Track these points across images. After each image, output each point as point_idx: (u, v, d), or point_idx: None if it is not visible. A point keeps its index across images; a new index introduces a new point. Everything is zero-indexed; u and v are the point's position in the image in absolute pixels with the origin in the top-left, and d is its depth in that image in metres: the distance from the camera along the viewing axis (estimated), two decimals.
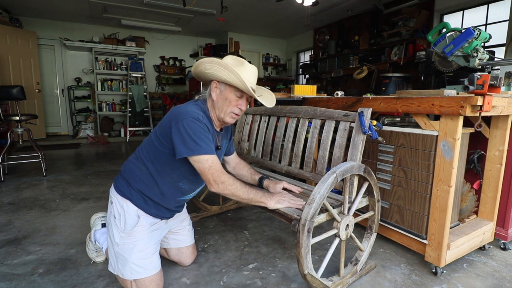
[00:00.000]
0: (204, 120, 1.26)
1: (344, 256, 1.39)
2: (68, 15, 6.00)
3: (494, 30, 3.95)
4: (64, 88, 6.66)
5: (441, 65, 2.05)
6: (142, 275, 1.28)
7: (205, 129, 1.23)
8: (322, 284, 1.27)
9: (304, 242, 1.13)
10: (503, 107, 1.49)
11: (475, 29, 1.78)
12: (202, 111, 1.29)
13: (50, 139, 6.00)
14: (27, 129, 3.29)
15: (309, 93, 2.93)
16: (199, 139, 1.20)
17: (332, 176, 1.18)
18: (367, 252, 1.52)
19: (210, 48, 7.51)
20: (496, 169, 1.71)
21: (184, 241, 1.56)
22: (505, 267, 1.60)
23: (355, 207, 1.38)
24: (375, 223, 1.54)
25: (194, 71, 1.37)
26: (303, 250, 1.13)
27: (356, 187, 1.39)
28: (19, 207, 2.37)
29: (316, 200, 1.13)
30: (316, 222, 1.20)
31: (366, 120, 1.36)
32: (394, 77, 4.19)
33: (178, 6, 5.14)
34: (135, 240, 1.29)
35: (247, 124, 2.18)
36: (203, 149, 1.20)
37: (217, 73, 1.28)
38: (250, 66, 1.35)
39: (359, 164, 1.33)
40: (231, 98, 1.31)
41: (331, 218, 1.29)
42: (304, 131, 1.73)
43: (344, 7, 5.31)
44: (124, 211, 1.31)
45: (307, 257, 1.16)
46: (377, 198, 1.49)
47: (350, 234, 1.37)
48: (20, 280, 1.43)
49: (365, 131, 1.35)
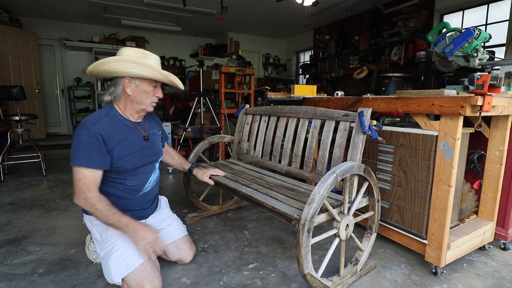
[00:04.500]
0: (97, 127, 1.26)
1: (344, 256, 1.39)
2: (68, 15, 5.99)
3: (494, 30, 3.94)
4: (64, 88, 6.66)
5: (441, 65, 2.05)
6: (127, 270, 1.28)
7: (91, 139, 1.24)
8: (322, 284, 1.27)
9: (304, 242, 1.13)
10: (503, 107, 1.49)
11: (475, 29, 1.78)
12: (105, 115, 1.34)
13: (50, 139, 6.00)
14: (27, 129, 3.28)
15: (309, 93, 2.93)
16: (80, 151, 1.24)
17: (332, 176, 1.19)
18: (367, 252, 1.52)
19: (210, 48, 7.51)
20: (496, 169, 1.71)
21: (176, 233, 1.58)
22: (505, 267, 1.60)
23: (355, 207, 1.38)
24: (375, 223, 1.54)
25: (95, 70, 1.35)
26: (303, 250, 1.14)
27: (356, 187, 1.39)
28: (19, 207, 2.37)
29: (316, 200, 1.13)
30: (316, 222, 1.20)
31: (366, 120, 1.36)
32: (394, 77, 4.18)
33: (178, 6, 5.14)
34: (111, 243, 1.34)
35: (247, 124, 2.18)
36: (80, 161, 1.25)
37: (133, 70, 1.31)
38: (153, 55, 1.41)
39: (359, 164, 1.33)
40: (148, 90, 1.38)
41: (331, 218, 1.29)
42: (304, 131, 1.73)
43: (344, 7, 5.30)
44: (94, 224, 1.41)
45: (307, 257, 1.16)
46: (377, 198, 1.49)
47: (350, 234, 1.37)
48: (20, 280, 1.43)
49: (365, 131, 1.35)
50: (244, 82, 4.60)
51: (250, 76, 4.19)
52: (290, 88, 3.29)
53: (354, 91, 4.73)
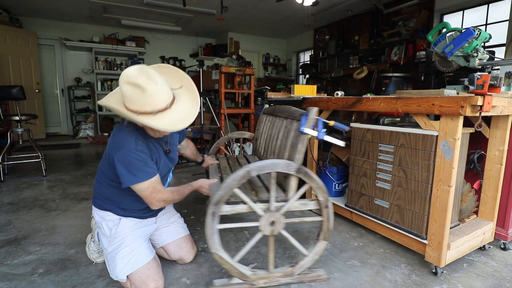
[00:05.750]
0: (140, 145, 1.25)
1: (273, 252, 1.37)
2: (68, 15, 5.99)
3: (494, 30, 3.94)
4: (64, 88, 6.66)
5: (441, 65, 2.05)
6: (133, 268, 1.29)
7: (141, 157, 1.24)
8: (236, 269, 1.31)
9: (209, 224, 1.24)
10: (503, 107, 1.49)
11: (475, 29, 1.78)
12: (136, 131, 1.27)
13: (50, 139, 6.00)
14: (27, 129, 3.28)
15: (309, 93, 2.93)
16: (136, 169, 1.23)
17: (244, 170, 1.22)
18: (311, 258, 1.41)
19: (210, 48, 7.51)
20: (496, 169, 1.71)
21: (179, 232, 1.59)
22: (505, 267, 1.60)
23: (287, 206, 1.32)
24: (324, 230, 1.38)
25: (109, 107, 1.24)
26: (208, 231, 1.25)
27: (294, 187, 1.34)
28: (19, 207, 2.37)
29: (222, 188, 1.22)
30: (234, 211, 1.30)
31: (309, 120, 1.33)
32: (394, 77, 4.19)
33: (178, 6, 5.14)
34: (121, 238, 1.34)
35: (261, 122, 2.21)
36: (140, 178, 1.24)
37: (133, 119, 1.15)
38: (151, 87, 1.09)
39: (287, 163, 1.26)
40: (149, 129, 1.27)
41: (252, 210, 1.31)
42: (282, 129, 1.72)
43: (344, 7, 5.30)
44: (105, 220, 1.39)
45: (212, 237, 1.25)
46: (325, 203, 1.35)
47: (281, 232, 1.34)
48: (20, 280, 1.43)
49: (301, 130, 1.33)
50: (244, 82, 4.60)
51: (250, 76, 4.19)
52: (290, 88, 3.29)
53: (354, 91, 4.74)
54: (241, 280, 1.35)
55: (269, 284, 1.39)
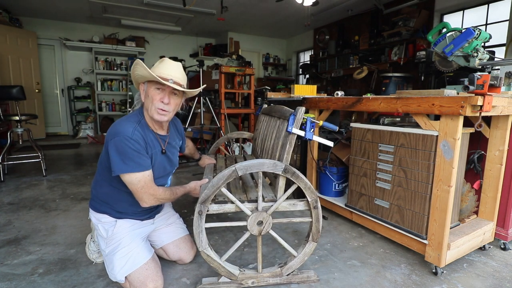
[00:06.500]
0: (136, 135, 1.26)
1: (261, 252, 1.37)
2: (68, 15, 5.99)
3: (494, 30, 3.94)
4: (64, 88, 6.66)
5: (441, 65, 2.05)
6: (131, 269, 1.28)
7: (135, 146, 1.24)
8: (224, 268, 1.32)
9: (196, 222, 1.26)
10: (503, 107, 1.49)
11: (475, 29, 1.78)
12: (137, 122, 1.31)
13: (50, 139, 6.00)
14: (27, 129, 3.29)
15: (309, 93, 2.93)
16: (127, 158, 1.23)
17: (230, 169, 1.22)
18: (299, 259, 1.41)
19: (210, 48, 7.51)
20: (496, 169, 1.71)
21: (178, 232, 1.59)
22: (505, 267, 1.60)
23: (275, 206, 1.32)
24: (313, 231, 1.37)
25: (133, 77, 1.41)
26: (194, 229, 1.27)
27: (281, 187, 1.34)
28: (19, 207, 2.37)
29: (208, 187, 1.23)
30: (222, 209, 1.31)
31: (297, 120, 1.33)
32: (394, 77, 4.19)
33: (178, 6, 5.14)
34: (118, 239, 1.34)
35: (260, 122, 2.21)
36: (130, 168, 1.24)
37: (135, 72, 1.33)
38: (169, 61, 1.36)
39: (274, 163, 1.25)
40: (152, 93, 1.32)
41: (240, 210, 1.31)
42: (275, 129, 1.72)
43: (344, 7, 5.31)
44: (101, 222, 1.39)
45: (200, 236, 1.27)
46: (313, 204, 1.34)
47: (269, 232, 1.35)
48: (20, 280, 1.43)
49: (289, 130, 1.33)
50: (244, 82, 4.60)
51: (250, 76, 4.19)
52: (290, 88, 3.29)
53: (354, 91, 4.73)
54: (229, 279, 1.35)
55: (257, 284, 1.39)
